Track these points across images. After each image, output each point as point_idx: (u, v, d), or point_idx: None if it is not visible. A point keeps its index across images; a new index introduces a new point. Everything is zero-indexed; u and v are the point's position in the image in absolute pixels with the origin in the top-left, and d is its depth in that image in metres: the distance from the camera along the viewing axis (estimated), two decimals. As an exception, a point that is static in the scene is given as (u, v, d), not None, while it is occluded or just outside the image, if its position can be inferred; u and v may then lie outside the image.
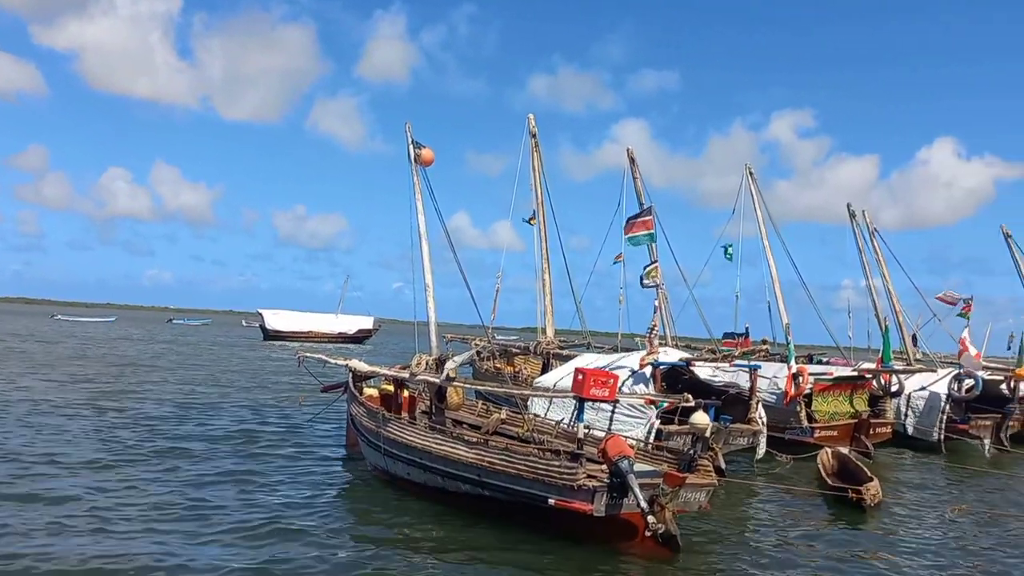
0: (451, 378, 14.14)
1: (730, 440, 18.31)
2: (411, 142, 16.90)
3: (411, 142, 16.90)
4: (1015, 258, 37.67)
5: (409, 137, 16.96)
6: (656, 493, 10.94)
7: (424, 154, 16.78)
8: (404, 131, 17.14)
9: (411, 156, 16.84)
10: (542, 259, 26.78)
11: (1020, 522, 15.24)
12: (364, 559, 10.33)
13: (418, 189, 16.73)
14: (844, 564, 11.49)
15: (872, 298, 34.23)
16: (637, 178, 28.47)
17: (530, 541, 11.21)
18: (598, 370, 12.50)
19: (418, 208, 16.59)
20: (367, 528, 11.85)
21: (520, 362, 28.15)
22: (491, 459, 11.96)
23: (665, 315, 28.06)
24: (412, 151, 16.83)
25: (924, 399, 25.21)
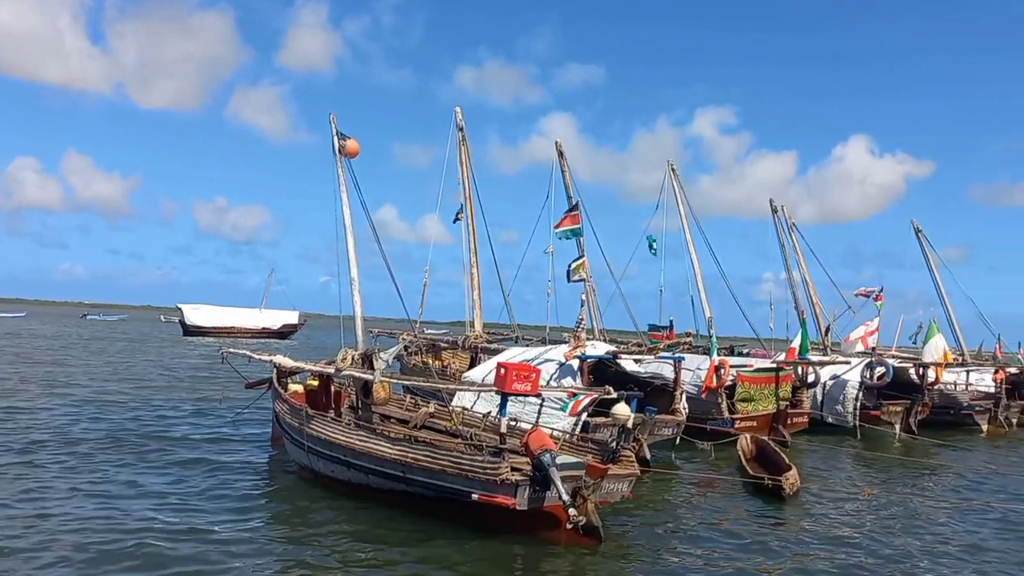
0: (381, 376, 14.02)
1: (655, 431, 18.63)
2: (335, 133, 16.62)
3: (335, 133, 16.62)
4: (925, 252, 39.34)
5: (333, 128, 16.67)
6: (579, 485, 11.09)
7: (349, 145, 16.52)
8: (328, 122, 16.86)
9: (335, 147, 16.55)
10: (470, 253, 26.77)
11: (927, 504, 15.94)
12: (286, 560, 10.15)
13: (342, 181, 16.46)
14: (764, 549, 11.82)
15: (792, 291, 35.37)
16: (566, 171, 28.71)
17: (455, 535, 11.19)
18: (520, 364, 12.59)
19: (343, 200, 16.31)
20: (289, 528, 11.63)
21: (448, 356, 28.09)
22: (415, 455, 11.92)
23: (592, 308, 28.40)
24: (336, 142, 16.54)
25: (838, 388, 26.12)
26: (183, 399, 25.42)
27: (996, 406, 30.31)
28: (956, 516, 14.96)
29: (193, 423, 20.66)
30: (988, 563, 11.81)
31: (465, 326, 27.09)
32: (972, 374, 33.63)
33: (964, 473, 20.25)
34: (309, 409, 14.49)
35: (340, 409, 16.16)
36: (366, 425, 13.58)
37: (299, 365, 16.75)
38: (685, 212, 29.36)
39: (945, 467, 21.14)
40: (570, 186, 28.64)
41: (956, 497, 16.82)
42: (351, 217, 16.44)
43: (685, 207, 29.42)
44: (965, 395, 31.19)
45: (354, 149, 16.58)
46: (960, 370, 33.50)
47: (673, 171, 29.79)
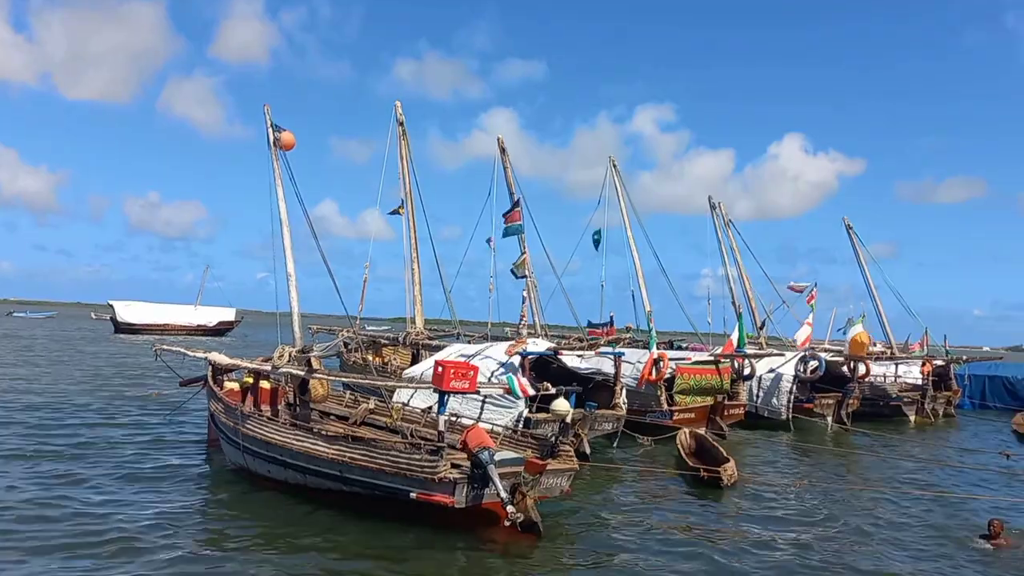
0: (314, 370, 13.80)
1: (595, 425, 18.78)
2: (270, 125, 16.27)
3: (270, 125, 16.27)
4: (855, 248, 40.43)
5: (268, 120, 16.31)
6: (518, 481, 11.13)
7: (284, 138, 16.19)
8: (263, 114, 16.51)
9: (270, 140, 16.21)
10: (411, 249, 26.56)
11: (856, 492, 16.36)
12: (220, 563, 9.92)
13: (278, 174, 16.13)
14: (703, 540, 12.00)
15: (729, 286, 35.96)
16: (508, 168, 28.67)
17: (394, 534, 11.10)
18: (458, 362, 12.57)
19: (279, 194, 16.00)
20: (225, 530, 11.34)
21: (389, 353, 27.86)
22: (352, 455, 11.79)
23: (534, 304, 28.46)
24: (271, 134, 16.19)
25: (773, 381, 26.71)
26: (111, 399, 24.59)
27: (923, 397, 31.35)
28: (883, 503, 15.41)
29: (122, 424, 19.94)
30: (913, 545, 12.22)
31: (406, 323, 26.90)
32: (900, 366, 34.72)
33: (892, 462, 20.88)
34: (244, 408, 14.22)
35: (277, 407, 15.88)
36: (303, 424, 13.38)
37: (235, 362, 16.42)
38: (626, 208, 29.66)
39: (874, 457, 21.78)
40: (512, 183, 28.63)
41: (884, 484, 17.31)
42: (288, 212, 16.14)
43: (627, 203, 29.72)
44: (894, 387, 32.18)
45: (289, 142, 16.26)
46: (889, 363, 34.59)
47: (615, 167, 30.04)
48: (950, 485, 17.49)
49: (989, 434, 28.21)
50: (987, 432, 28.77)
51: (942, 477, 18.77)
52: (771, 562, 11.04)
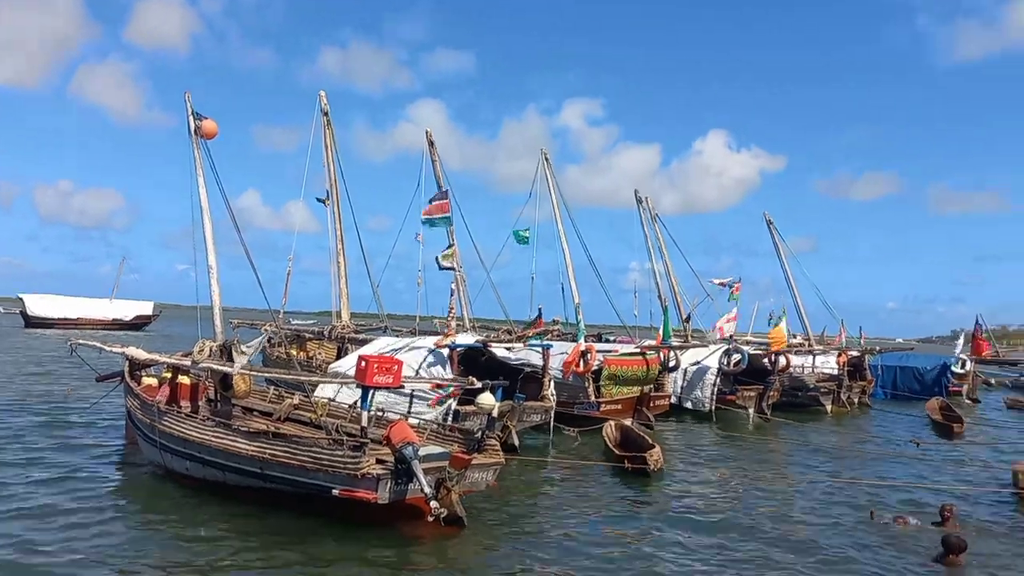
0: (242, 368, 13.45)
1: (524, 417, 18.80)
2: (191, 113, 15.75)
3: (191, 113, 15.75)
4: (776, 243, 41.48)
5: (189, 107, 15.78)
6: (443, 476, 11.07)
7: (206, 126, 15.70)
8: (184, 101, 15.97)
9: (191, 128, 15.70)
10: (337, 241, 26.15)
11: (776, 479, 16.81)
12: (135, 564, 9.56)
13: (199, 163, 15.63)
14: (630, 527, 12.18)
15: (655, 280, 36.46)
16: (436, 160, 28.37)
17: (316, 530, 10.91)
18: (382, 356, 12.42)
19: (200, 184, 15.51)
20: (141, 532, 10.96)
21: (314, 347, 27.39)
22: (273, 451, 11.54)
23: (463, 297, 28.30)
24: (192, 122, 15.69)
25: (698, 373, 27.25)
26: (21, 397, 23.49)
27: (839, 388, 32.40)
28: (800, 488, 15.88)
29: (33, 422, 19.08)
30: (830, 529, 12.59)
31: (332, 316, 26.46)
32: (818, 358, 35.81)
33: (810, 451, 21.54)
34: (162, 404, 13.78)
35: (197, 403, 15.42)
36: (223, 420, 13.03)
37: (153, 357, 15.90)
38: (557, 201, 29.71)
39: (792, 445, 22.44)
40: (440, 176, 28.33)
41: (801, 472, 17.83)
42: (209, 202, 15.67)
43: (557, 196, 29.77)
44: (811, 378, 33.18)
45: (211, 130, 15.77)
46: (807, 354, 35.64)
47: (547, 161, 30.04)
48: (864, 472, 18.09)
49: (901, 422, 29.34)
50: (899, 420, 29.91)
51: (856, 464, 19.40)
52: (695, 550, 11.22)
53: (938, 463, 19.89)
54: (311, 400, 15.35)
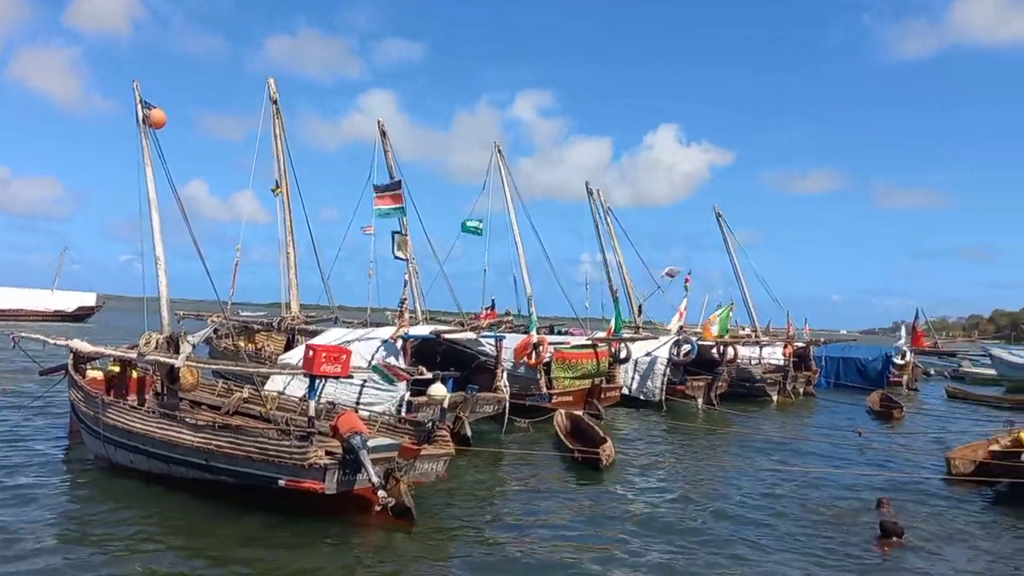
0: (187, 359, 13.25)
1: (477, 408, 18.85)
2: (139, 102, 15.45)
3: (139, 102, 15.45)
4: (724, 236, 42.16)
5: (137, 96, 15.47)
6: (391, 466, 11.07)
7: (155, 115, 15.41)
8: (129, 88, 15.63)
9: (139, 117, 15.41)
10: (286, 231, 25.86)
11: (723, 469, 17.16)
12: (79, 558, 9.40)
13: (147, 153, 15.35)
14: (582, 519, 12.30)
15: (607, 272, 36.80)
16: (388, 151, 28.17)
17: (263, 522, 10.84)
18: (330, 346, 12.39)
19: (147, 174, 15.23)
20: (84, 524, 10.76)
21: (262, 339, 27.06)
22: (219, 442, 11.43)
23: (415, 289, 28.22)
24: (141, 111, 15.40)
25: (648, 364, 27.60)
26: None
27: (785, 378, 33.13)
28: (746, 476, 16.23)
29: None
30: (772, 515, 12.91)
31: (282, 308, 26.18)
32: (765, 349, 36.55)
33: (757, 440, 22.00)
34: (105, 396, 13.55)
35: (144, 396, 15.17)
36: (169, 412, 12.86)
37: (98, 350, 15.64)
38: (510, 194, 29.76)
39: (739, 435, 22.90)
40: (393, 167, 28.14)
41: (747, 460, 18.22)
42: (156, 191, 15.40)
43: (510, 189, 29.82)
44: (758, 369, 33.85)
45: (160, 119, 15.50)
46: (754, 346, 36.36)
47: (500, 153, 30.06)
48: (808, 460, 18.55)
49: (844, 411, 30.10)
50: (842, 409, 30.69)
51: (801, 453, 19.88)
52: (646, 541, 11.41)
53: (878, 451, 20.49)
54: (260, 394, 15.21)
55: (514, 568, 9.93)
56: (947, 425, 27.07)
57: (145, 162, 15.20)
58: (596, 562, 10.27)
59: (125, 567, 9.25)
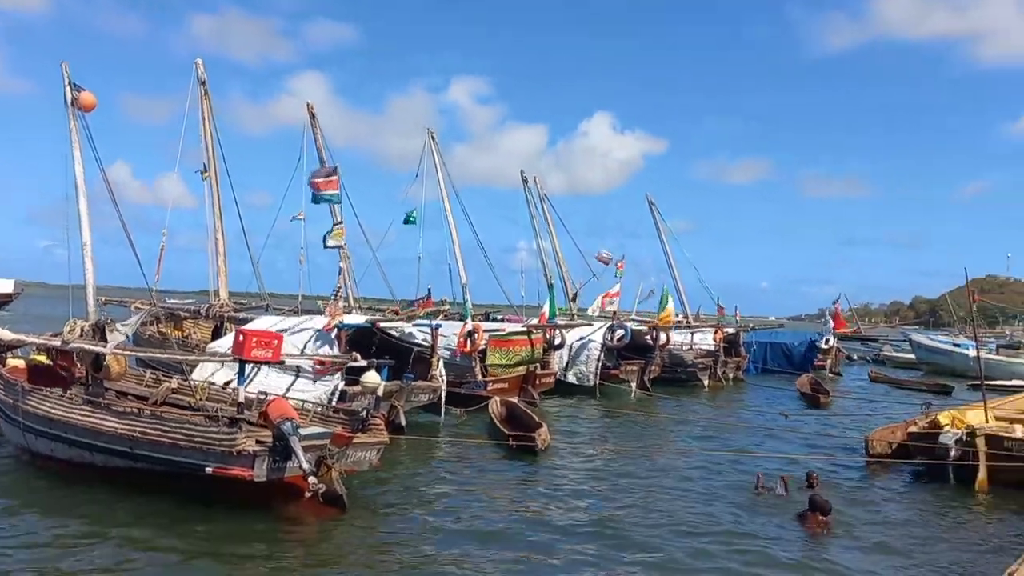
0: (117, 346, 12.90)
1: (412, 397, 18.78)
2: (68, 83, 14.97)
3: (68, 83, 14.97)
4: (657, 224, 42.83)
5: (66, 78, 14.98)
6: (323, 454, 10.97)
7: (84, 98, 14.97)
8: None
9: (68, 99, 14.92)
10: (215, 216, 25.25)
11: (655, 453, 17.47)
12: None
13: (76, 137, 14.88)
14: (516, 504, 12.40)
15: (542, 259, 37.03)
16: (318, 134, 27.74)
17: (190, 511, 10.63)
18: (260, 331, 12.21)
19: (76, 156, 14.77)
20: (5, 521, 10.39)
21: (189, 326, 26.44)
22: (144, 429, 11.17)
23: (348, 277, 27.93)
24: (70, 94, 14.91)
25: (582, 350, 27.90)
26: None
27: (715, 363, 33.90)
28: (678, 459, 16.62)
29: None
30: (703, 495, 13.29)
31: (210, 295, 25.59)
32: (696, 335, 37.31)
33: (688, 423, 22.54)
34: (25, 384, 13.11)
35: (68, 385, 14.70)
36: (93, 399, 12.50)
37: (20, 338, 15.21)
38: (444, 181, 29.65)
39: (672, 419, 23.41)
40: (323, 150, 27.73)
41: (679, 444, 18.65)
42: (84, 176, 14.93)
43: (444, 176, 29.71)
44: (690, 354, 34.55)
45: (90, 102, 15.07)
46: (686, 331, 37.11)
47: (433, 140, 29.91)
48: (737, 443, 19.06)
49: (772, 395, 30.98)
50: (770, 394, 31.57)
51: (730, 436, 20.40)
52: (579, 524, 11.56)
53: (804, 433, 21.16)
54: (189, 383, 14.87)
55: (446, 553, 9.92)
56: (869, 408, 28.09)
57: (73, 145, 14.78)
58: (529, 548, 10.33)
59: (46, 562, 8.95)
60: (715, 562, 10.05)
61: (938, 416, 16.44)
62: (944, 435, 15.09)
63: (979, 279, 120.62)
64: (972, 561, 10.58)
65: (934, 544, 11.39)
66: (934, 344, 48.92)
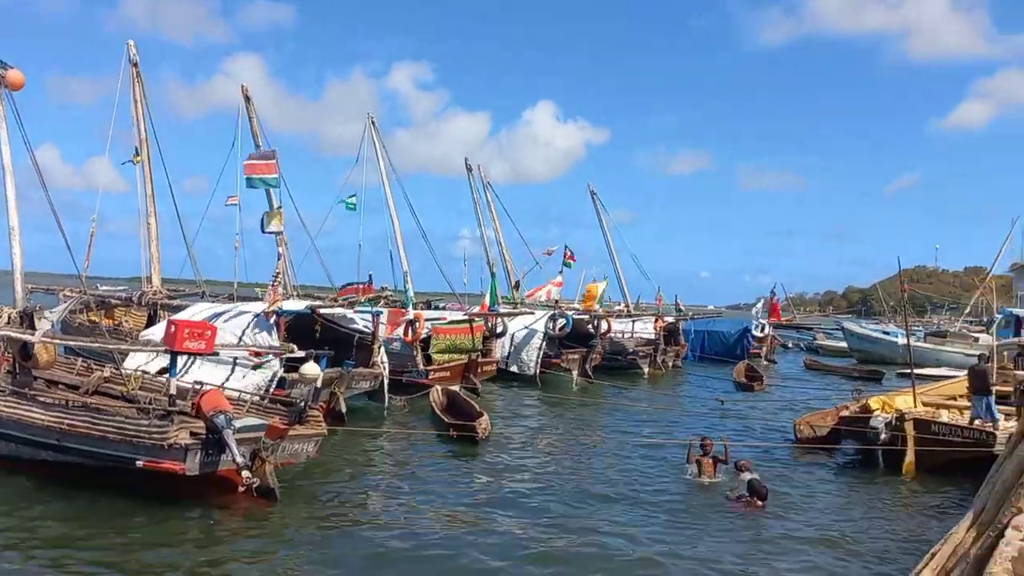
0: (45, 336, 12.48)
1: (353, 384, 18.61)
2: (-7, 61, 14.41)
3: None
4: (598, 214, 43.18)
5: (-9, 56, 14.43)
6: (258, 447, 10.82)
7: (11, 76, 14.46)
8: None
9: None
10: (147, 201, 24.57)
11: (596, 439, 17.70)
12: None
13: (2, 116, 14.33)
14: (457, 496, 12.36)
15: (485, 247, 37.02)
16: (253, 118, 27.13)
17: (119, 506, 10.40)
18: (193, 321, 11.94)
19: (2, 139, 14.24)
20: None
21: (121, 314, 25.71)
22: (72, 421, 10.87)
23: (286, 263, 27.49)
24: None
25: (524, 337, 27.99)
26: None
27: (656, 351, 34.36)
28: (619, 445, 16.78)
29: None
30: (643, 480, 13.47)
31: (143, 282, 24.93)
32: (637, 323, 37.79)
33: (629, 410, 22.84)
34: None
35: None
36: (18, 390, 12.07)
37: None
38: (385, 167, 29.37)
39: (612, 406, 23.73)
40: (258, 134, 27.16)
41: (620, 430, 18.88)
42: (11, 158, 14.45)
43: (385, 162, 29.43)
44: (631, 342, 34.97)
45: (18, 80, 14.59)
46: (627, 320, 37.56)
47: (374, 125, 29.58)
48: (675, 428, 19.39)
49: (709, 382, 31.58)
50: (708, 381, 32.18)
51: (667, 422, 20.74)
52: (520, 511, 11.64)
53: (738, 418, 21.64)
54: (121, 372, 14.48)
55: (380, 543, 9.88)
56: (803, 393, 28.83)
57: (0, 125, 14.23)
58: (467, 535, 10.34)
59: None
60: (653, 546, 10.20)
61: (869, 401, 16.99)
62: (874, 419, 15.58)
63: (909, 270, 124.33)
64: (900, 542, 10.94)
65: (863, 525, 11.78)
66: (865, 332, 50.37)
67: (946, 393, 18.58)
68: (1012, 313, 40.11)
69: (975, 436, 14.51)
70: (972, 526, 6.71)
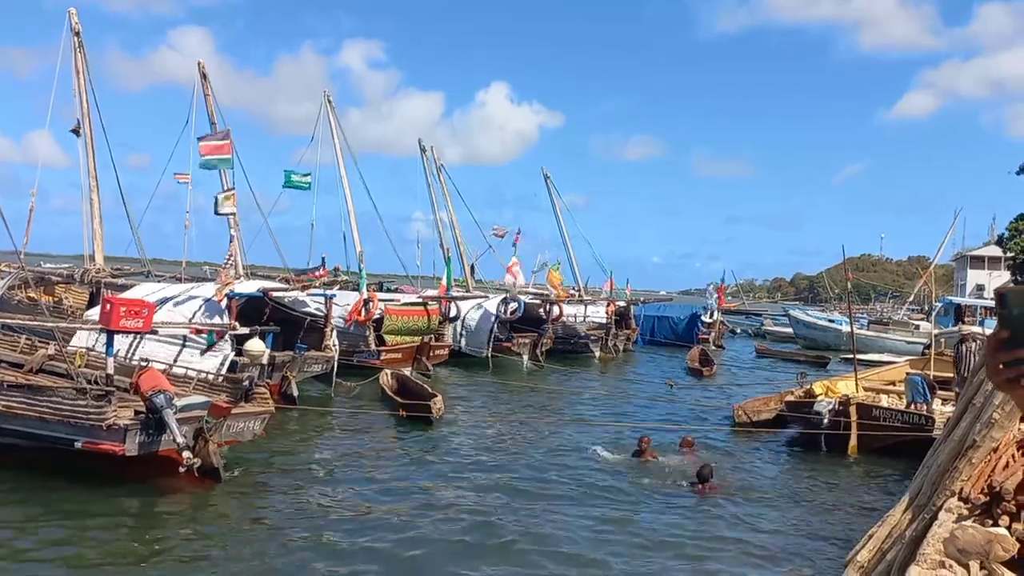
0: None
1: (305, 367, 18.47)
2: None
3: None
4: (552, 197, 43.28)
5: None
6: (200, 426, 10.69)
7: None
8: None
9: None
10: (89, 176, 23.94)
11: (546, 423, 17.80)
12: None
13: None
14: (407, 476, 12.37)
15: (439, 230, 36.84)
16: (209, 95, 26.53)
17: (58, 488, 10.20)
18: (130, 299, 11.69)
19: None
20: None
21: (62, 291, 25.09)
22: (8, 402, 10.61)
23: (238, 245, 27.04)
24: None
25: (476, 321, 28.01)
26: None
27: (607, 336, 34.68)
28: (568, 429, 16.97)
29: None
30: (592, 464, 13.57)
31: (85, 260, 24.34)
32: (588, 307, 38.07)
33: (577, 395, 23.06)
34: None
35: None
36: None
37: None
38: (340, 147, 29.03)
39: (562, 390, 23.94)
40: (214, 112, 26.63)
41: (569, 414, 19.07)
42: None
43: (341, 142, 29.09)
44: (583, 326, 35.23)
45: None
46: (579, 304, 37.83)
47: (330, 103, 29.21)
48: (625, 411, 19.63)
49: (659, 367, 32.01)
50: (657, 365, 32.63)
51: (618, 405, 20.99)
52: (470, 492, 11.67)
53: (687, 403, 21.98)
54: (65, 351, 14.13)
55: (324, 523, 9.84)
56: (751, 378, 29.40)
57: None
58: (413, 516, 10.31)
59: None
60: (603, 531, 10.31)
61: (813, 386, 17.38)
62: (818, 403, 15.94)
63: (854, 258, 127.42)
64: (841, 521, 11.23)
65: (807, 506, 12.07)
66: (810, 319, 51.50)
67: (887, 379, 19.12)
68: (952, 302, 41.35)
69: (913, 420, 14.95)
70: (908, 508, 6.90)
